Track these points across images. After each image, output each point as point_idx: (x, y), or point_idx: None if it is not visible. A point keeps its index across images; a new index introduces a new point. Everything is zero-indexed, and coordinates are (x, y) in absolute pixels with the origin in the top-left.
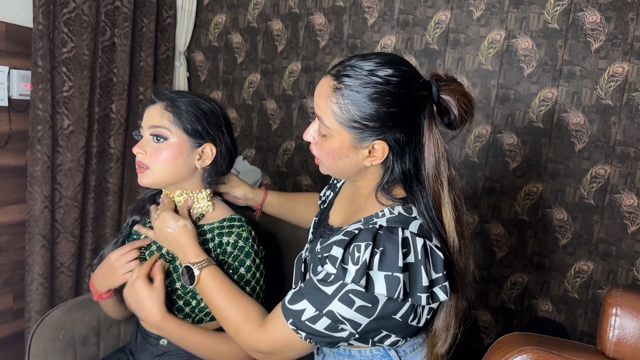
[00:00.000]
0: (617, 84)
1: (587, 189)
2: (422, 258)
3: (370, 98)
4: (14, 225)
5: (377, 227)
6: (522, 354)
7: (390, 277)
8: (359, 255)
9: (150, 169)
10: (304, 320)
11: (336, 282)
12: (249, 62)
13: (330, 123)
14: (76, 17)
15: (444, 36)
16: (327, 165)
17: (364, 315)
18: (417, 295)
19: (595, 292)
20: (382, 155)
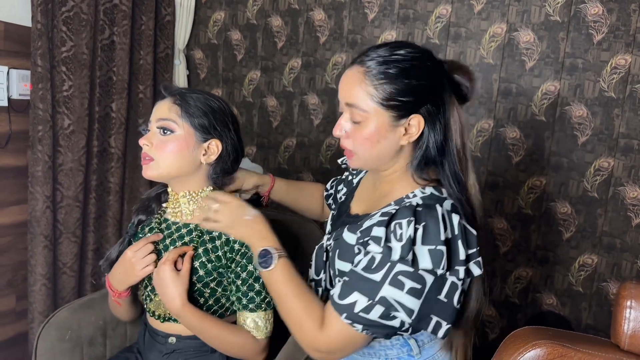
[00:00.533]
0: (620, 76)
1: (590, 182)
2: (459, 233)
3: (401, 74)
4: (16, 226)
5: (414, 205)
6: (536, 348)
7: (434, 250)
8: (402, 232)
9: (155, 161)
10: (358, 312)
11: (383, 266)
12: (249, 59)
13: (367, 106)
14: (75, 15)
15: (445, 30)
16: (364, 154)
17: (415, 297)
18: (455, 269)
19: (599, 286)
20: (418, 130)
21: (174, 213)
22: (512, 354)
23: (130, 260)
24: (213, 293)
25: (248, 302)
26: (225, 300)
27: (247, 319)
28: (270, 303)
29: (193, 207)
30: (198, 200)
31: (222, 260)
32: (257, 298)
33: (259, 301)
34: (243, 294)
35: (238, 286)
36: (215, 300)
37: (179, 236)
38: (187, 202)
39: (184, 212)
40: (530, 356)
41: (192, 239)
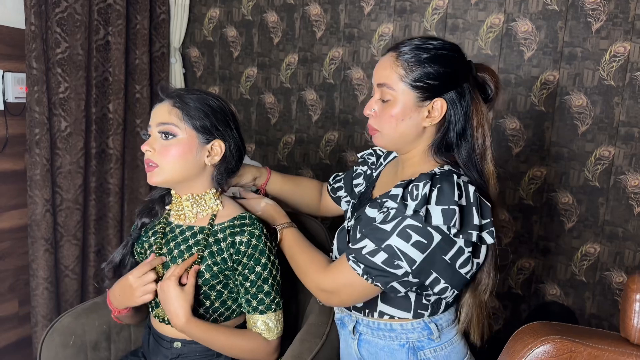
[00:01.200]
0: (619, 64)
1: (591, 172)
2: (474, 201)
3: (430, 59)
4: (16, 230)
5: (432, 173)
6: (545, 343)
7: (446, 210)
8: (417, 192)
9: (160, 167)
10: (364, 254)
11: (395, 218)
12: (245, 56)
13: (396, 85)
14: (69, 16)
15: (442, 22)
16: (388, 130)
17: (419, 250)
18: (468, 232)
19: (602, 275)
20: (441, 113)
21: (178, 216)
22: (521, 350)
23: (131, 285)
24: (219, 295)
25: (258, 304)
26: (231, 302)
27: (257, 321)
28: (280, 303)
29: (197, 210)
30: (201, 203)
31: (228, 263)
32: (267, 299)
33: (269, 302)
34: (252, 296)
35: (247, 288)
36: (222, 303)
37: (183, 239)
38: (190, 205)
39: (188, 215)
40: (539, 352)
41: (196, 241)
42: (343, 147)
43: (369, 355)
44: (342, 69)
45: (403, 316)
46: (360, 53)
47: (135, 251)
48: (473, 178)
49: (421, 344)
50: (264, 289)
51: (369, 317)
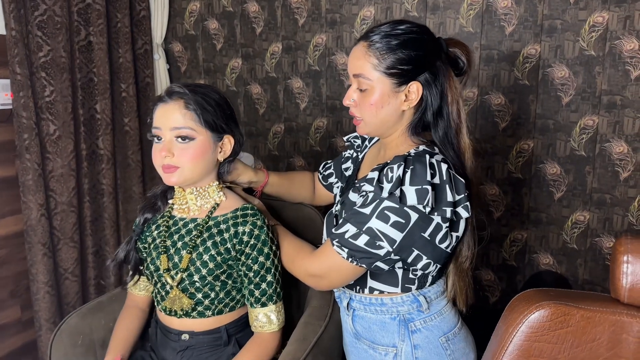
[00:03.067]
0: (599, 33)
1: (577, 141)
2: (446, 179)
3: (400, 45)
4: (12, 236)
5: (406, 154)
6: (540, 309)
7: (420, 189)
8: (392, 175)
9: (181, 169)
10: (347, 238)
11: (373, 201)
12: (229, 48)
13: (371, 75)
14: (49, 19)
15: (422, 2)
16: (370, 118)
17: (398, 230)
18: (442, 209)
19: (593, 241)
20: (417, 96)
21: (181, 209)
22: (517, 317)
23: None
24: (224, 286)
25: (260, 295)
26: (235, 292)
27: (258, 314)
28: (280, 294)
29: (201, 202)
30: (205, 196)
31: (232, 253)
32: (269, 290)
33: (271, 293)
34: (255, 285)
35: (250, 278)
36: (226, 293)
37: (186, 231)
38: (194, 198)
39: (192, 208)
40: (535, 317)
41: (199, 233)
42: (332, 133)
43: (363, 329)
44: (327, 55)
45: (392, 291)
46: (343, 38)
47: (138, 247)
48: (449, 155)
49: (411, 316)
50: (266, 278)
51: (360, 293)
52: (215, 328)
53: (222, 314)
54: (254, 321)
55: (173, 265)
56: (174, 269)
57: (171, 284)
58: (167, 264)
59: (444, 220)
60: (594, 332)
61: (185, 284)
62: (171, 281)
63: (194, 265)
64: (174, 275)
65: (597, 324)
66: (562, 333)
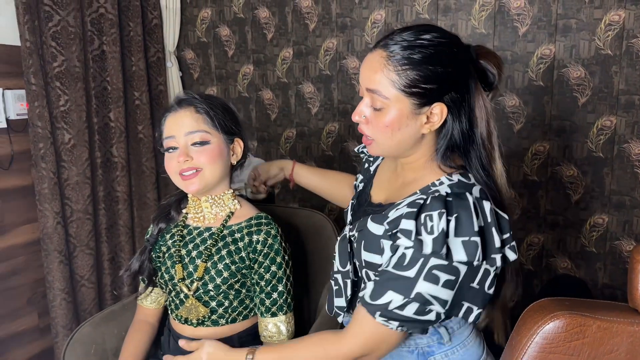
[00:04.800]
0: (615, 32)
1: (594, 142)
2: (491, 220)
3: (425, 60)
4: (29, 244)
5: (444, 195)
6: (555, 319)
7: (468, 242)
8: (433, 224)
9: (202, 172)
10: (393, 309)
11: (416, 261)
12: (240, 54)
13: (388, 93)
14: (62, 29)
15: (433, 4)
16: (384, 140)
17: (449, 289)
18: (491, 258)
19: (612, 244)
20: (441, 119)
21: (196, 218)
22: (531, 328)
23: None
24: (237, 295)
25: (270, 305)
26: (249, 301)
27: (268, 324)
28: (291, 305)
29: (216, 210)
30: (220, 204)
31: (246, 262)
32: (280, 300)
33: (281, 303)
34: (266, 295)
35: (262, 287)
36: (240, 302)
37: (201, 240)
38: (209, 207)
39: (207, 217)
40: (549, 328)
41: (214, 242)
42: (344, 137)
43: None
44: (338, 60)
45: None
46: (354, 42)
47: (152, 257)
48: (485, 182)
49: (431, 349)
50: (278, 288)
51: None
52: (228, 337)
53: (236, 322)
54: (263, 331)
55: (187, 274)
56: (189, 277)
57: (187, 293)
58: (183, 274)
59: (492, 265)
60: (612, 343)
61: (200, 293)
62: (187, 290)
63: (208, 274)
64: (189, 284)
65: (615, 335)
66: (578, 344)
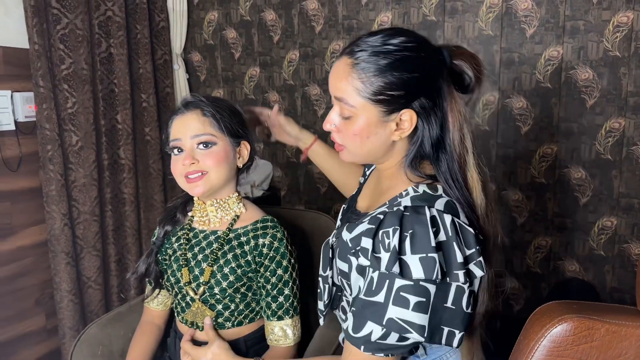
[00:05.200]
0: (624, 34)
1: (602, 145)
2: (452, 235)
3: (391, 66)
4: (37, 246)
5: (402, 210)
6: (562, 322)
7: (425, 258)
8: (389, 241)
9: (207, 175)
10: (375, 340)
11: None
12: (247, 57)
13: (354, 101)
14: (70, 32)
15: (440, 6)
16: (354, 149)
17: (422, 313)
18: (453, 273)
19: (621, 247)
20: (411, 126)
21: (201, 221)
22: (539, 331)
23: None
24: (244, 298)
25: (277, 308)
26: (255, 304)
27: (274, 327)
28: (297, 309)
29: (221, 214)
30: (225, 207)
31: (252, 265)
32: (286, 303)
33: (288, 306)
34: (273, 298)
35: (268, 290)
36: (246, 305)
37: (207, 244)
38: (215, 210)
39: (212, 220)
40: (557, 332)
41: (220, 245)
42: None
43: None
44: None
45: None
46: None
47: (158, 259)
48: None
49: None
50: (284, 291)
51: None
52: (234, 340)
53: (242, 325)
54: (269, 334)
55: (194, 278)
56: (195, 281)
57: (193, 296)
58: (189, 277)
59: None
60: (620, 347)
61: (206, 296)
62: (193, 294)
63: (214, 277)
64: (195, 288)
65: (624, 339)
66: (586, 348)
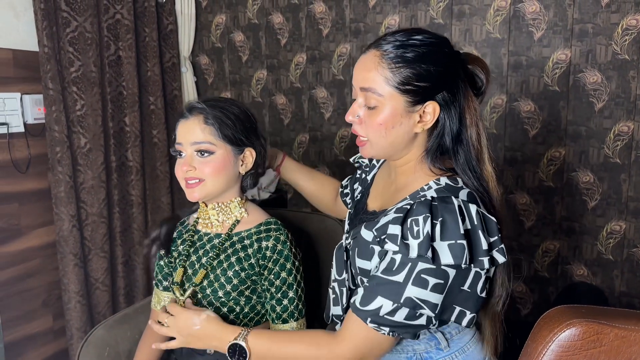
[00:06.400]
0: (633, 36)
1: (611, 148)
2: (478, 223)
3: (418, 58)
4: (45, 247)
5: (429, 199)
6: (571, 327)
7: (454, 245)
8: (418, 228)
9: (204, 182)
10: (383, 315)
11: (404, 266)
12: (254, 59)
13: (383, 90)
14: (80, 35)
15: (448, 9)
16: (377, 139)
17: (439, 293)
18: (479, 260)
19: (630, 252)
20: (434, 117)
21: (205, 224)
22: (547, 336)
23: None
24: (248, 301)
25: (281, 311)
26: (260, 307)
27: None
28: (302, 312)
29: (222, 217)
30: (227, 211)
31: (255, 268)
32: (290, 306)
33: (292, 309)
34: (277, 301)
35: (272, 293)
36: (251, 308)
37: (211, 247)
38: (216, 214)
39: (214, 223)
40: (565, 336)
41: (224, 248)
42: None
43: None
44: (351, 65)
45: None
46: None
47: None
48: (473, 186)
49: (429, 354)
50: (288, 294)
51: None
52: None
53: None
54: None
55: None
56: (188, 282)
57: (178, 297)
58: (181, 277)
59: (482, 269)
60: (629, 352)
61: (210, 299)
62: (179, 294)
63: (218, 281)
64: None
65: (633, 344)
66: (595, 353)
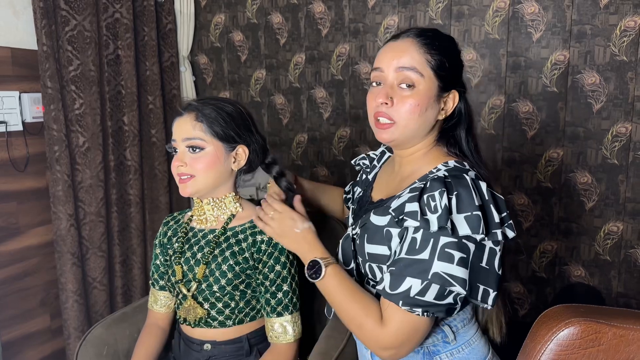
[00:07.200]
0: (631, 38)
1: (609, 149)
2: (489, 198)
3: (447, 49)
4: (43, 246)
5: (442, 176)
6: (569, 326)
7: (470, 216)
8: (435, 203)
9: (194, 178)
10: (414, 295)
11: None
12: (253, 59)
13: (424, 70)
14: (78, 34)
15: (447, 10)
16: (407, 121)
17: (464, 267)
18: (492, 232)
19: (627, 253)
20: (453, 104)
21: (199, 220)
22: (545, 335)
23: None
24: (243, 295)
25: (276, 305)
26: (255, 302)
27: (274, 324)
28: (297, 305)
29: (217, 213)
30: (221, 206)
31: (250, 262)
32: (285, 299)
33: (287, 302)
34: (271, 294)
35: (266, 287)
36: (246, 303)
37: (205, 242)
38: (211, 209)
39: (209, 219)
40: (564, 335)
41: (218, 243)
42: (356, 142)
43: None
44: (350, 65)
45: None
46: (367, 47)
47: (160, 261)
48: (479, 167)
49: (436, 348)
50: (283, 287)
51: None
52: (236, 337)
53: (243, 324)
54: (269, 331)
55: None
56: (194, 279)
57: (185, 293)
58: (181, 275)
59: (496, 244)
60: (628, 351)
61: (206, 294)
62: (185, 291)
63: (213, 275)
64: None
65: (631, 343)
66: (593, 352)
